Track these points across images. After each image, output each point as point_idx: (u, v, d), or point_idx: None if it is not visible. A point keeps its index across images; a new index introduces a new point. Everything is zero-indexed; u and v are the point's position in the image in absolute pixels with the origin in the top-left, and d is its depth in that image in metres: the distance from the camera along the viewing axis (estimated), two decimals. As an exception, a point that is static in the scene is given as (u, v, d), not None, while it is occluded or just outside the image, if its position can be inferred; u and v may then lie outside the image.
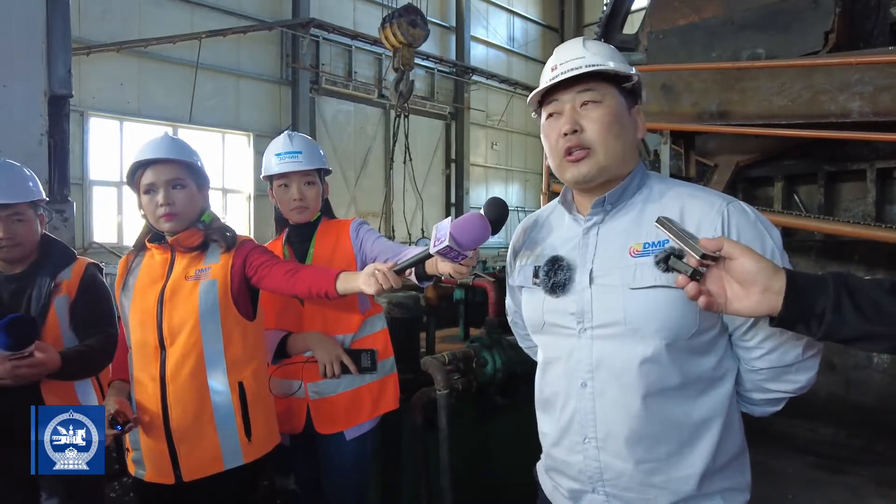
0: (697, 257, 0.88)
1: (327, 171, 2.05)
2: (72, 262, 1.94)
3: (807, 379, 1.06)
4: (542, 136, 1.21)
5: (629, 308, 1.07)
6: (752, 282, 0.87)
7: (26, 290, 1.84)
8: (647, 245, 1.08)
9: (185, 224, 1.66)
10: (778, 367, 1.04)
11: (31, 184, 1.91)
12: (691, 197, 1.11)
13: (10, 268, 1.88)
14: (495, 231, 1.31)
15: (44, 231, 1.95)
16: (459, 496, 2.10)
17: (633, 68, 1.16)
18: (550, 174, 4.52)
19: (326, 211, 2.05)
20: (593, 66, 1.11)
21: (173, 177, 1.63)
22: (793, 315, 0.86)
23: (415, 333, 2.46)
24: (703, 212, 1.08)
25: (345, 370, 1.85)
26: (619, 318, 1.08)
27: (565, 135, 1.12)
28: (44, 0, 3.53)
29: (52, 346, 1.75)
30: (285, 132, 2.01)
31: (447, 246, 1.22)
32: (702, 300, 0.90)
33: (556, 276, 1.16)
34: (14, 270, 1.89)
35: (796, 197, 4.13)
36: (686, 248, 0.90)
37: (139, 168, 1.64)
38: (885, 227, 3.12)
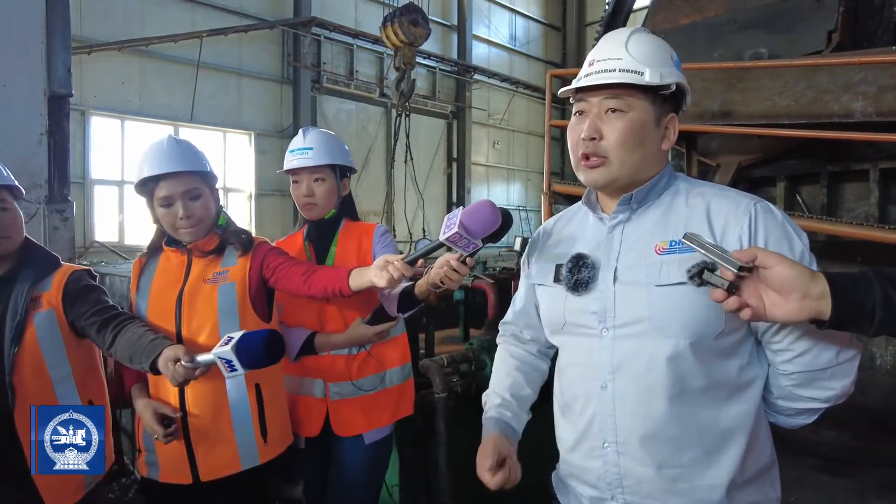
0: (734, 270, 0.87)
1: (350, 169, 2.00)
2: (54, 271, 1.65)
3: (842, 386, 1.01)
4: (568, 128, 1.19)
5: (654, 305, 1.05)
6: (791, 289, 0.86)
7: None
8: (672, 243, 1.07)
9: (205, 231, 1.68)
10: (810, 371, 1.01)
11: (3, 171, 1.63)
12: (717, 196, 1.11)
13: None
14: (495, 239, 1.30)
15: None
16: (459, 500, 2.09)
17: (678, 75, 1.13)
18: (552, 173, 4.50)
19: (348, 210, 2.02)
20: (626, 72, 1.09)
21: (189, 188, 1.64)
22: (843, 317, 0.85)
23: (414, 335, 2.44)
24: (730, 211, 1.07)
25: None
26: (643, 316, 1.06)
27: (583, 139, 1.12)
28: (43, 0, 3.53)
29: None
30: (302, 128, 2.00)
31: (456, 233, 1.22)
32: (745, 312, 0.88)
33: (579, 273, 1.15)
34: None
35: (799, 197, 4.11)
36: (720, 262, 0.88)
37: (151, 180, 1.63)
38: (887, 229, 3.10)
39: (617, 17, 5.49)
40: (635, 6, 5.70)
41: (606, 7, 5.56)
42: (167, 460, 1.66)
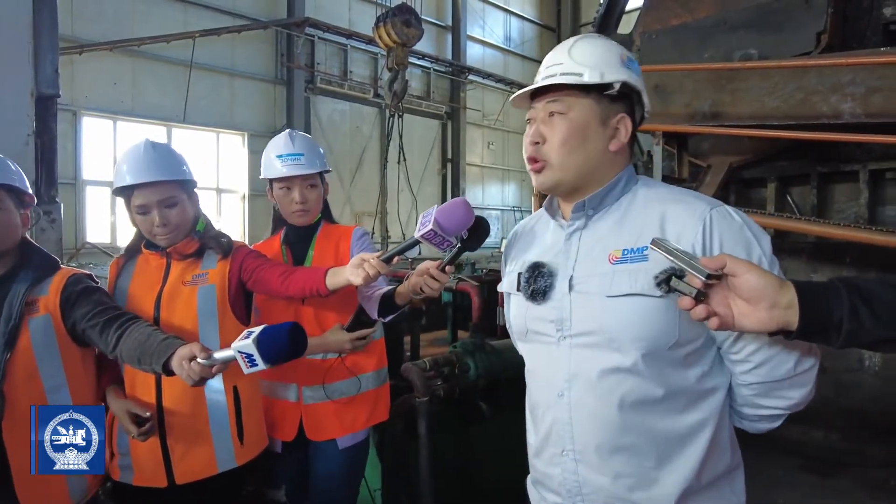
0: (702, 278, 0.85)
1: (327, 171, 2.00)
2: (52, 274, 1.59)
3: (801, 395, 1.02)
4: (523, 137, 1.22)
5: (606, 317, 1.04)
6: (759, 298, 0.85)
7: None
8: (625, 251, 1.06)
9: (182, 236, 1.68)
10: (769, 382, 1.01)
11: (10, 170, 1.56)
12: (674, 202, 1.08)
13: None
14: (472, 247, 1.31)
15: (25, 236, 1.61)
16: (441, 504, 2.07)
17: (626, 74, 1.12)
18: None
19: (326, 213, 2.02)
20: (566, 75, 1.11)
21: (165, 197, 1.63)
22: (810, 328, 0.84)
23: (398, 338, 2.43)
24: (685, 218, 1.04)
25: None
26: (597, 327, 1.05)
27: (529, 144, 1.15)
28: (30, -1, 3.50)
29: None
30: (286, 132, 1.95)
31: (431, 230, 1.24)
32: (713, 321, 0.87)
33: (535, 283, 1.14)
34: None
35: (789, 198, 4.10)
36: (688, 269, 0.87)
37: (128, 188, 1.63)
38: (875, 230, 3.09)
39: (609, 18, 5.48)
40: (628, 7, 5.69)
41: (599, 8, 5.55)
42: (142, 463, 1.64)
